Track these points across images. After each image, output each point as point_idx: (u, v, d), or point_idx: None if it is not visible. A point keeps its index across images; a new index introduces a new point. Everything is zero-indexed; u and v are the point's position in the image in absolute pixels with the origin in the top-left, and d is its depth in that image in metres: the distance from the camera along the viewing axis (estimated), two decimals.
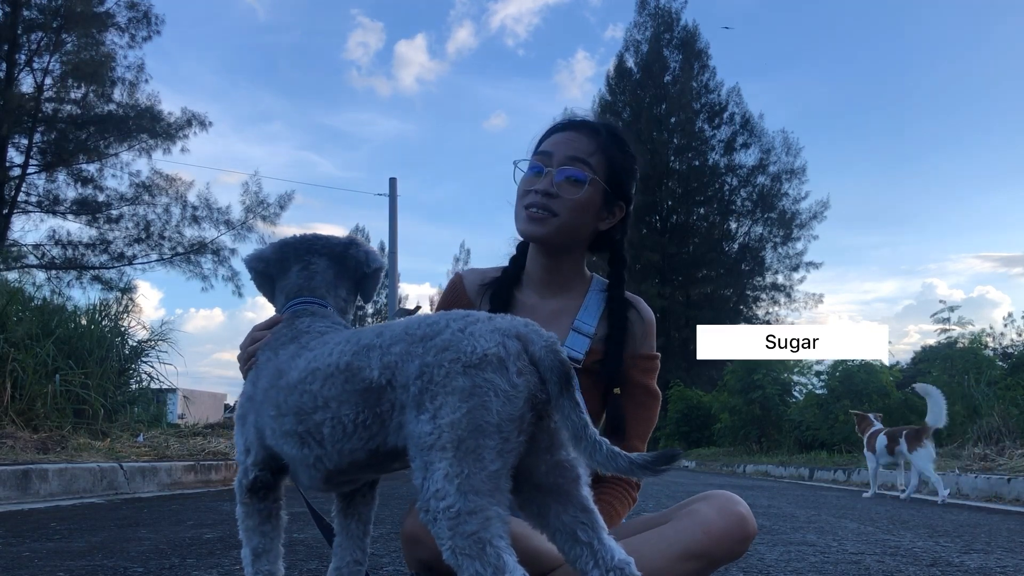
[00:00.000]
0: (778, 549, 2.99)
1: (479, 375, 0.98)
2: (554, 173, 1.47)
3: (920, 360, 15.09)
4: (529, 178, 1.49)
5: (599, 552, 1.06)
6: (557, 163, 1.47)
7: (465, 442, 0.96)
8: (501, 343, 1.00)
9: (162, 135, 17.32)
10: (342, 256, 1.40)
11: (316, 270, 1.37)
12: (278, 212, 18.39)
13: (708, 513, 1.25)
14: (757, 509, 4.95)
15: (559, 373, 1.00)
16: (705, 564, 1.23)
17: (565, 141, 1.50)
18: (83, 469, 4.79)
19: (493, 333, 1.02)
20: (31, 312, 7.15)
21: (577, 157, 1.48)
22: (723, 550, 1.23)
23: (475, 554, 0.94)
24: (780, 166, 31.46)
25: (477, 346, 1.00)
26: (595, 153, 1.49)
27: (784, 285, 32.07)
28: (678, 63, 32.64)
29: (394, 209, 18.73)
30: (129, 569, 2.24)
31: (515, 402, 0.98)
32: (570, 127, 1.52)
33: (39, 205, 17.48)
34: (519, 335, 1.02)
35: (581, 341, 1.50)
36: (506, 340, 1.01)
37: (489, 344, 1.00)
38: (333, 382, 1.09)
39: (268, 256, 1.42)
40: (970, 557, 2.81)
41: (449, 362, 0.99)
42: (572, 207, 1.47)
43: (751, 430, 16.14)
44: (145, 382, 8.24)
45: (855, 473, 9.05)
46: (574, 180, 1.47)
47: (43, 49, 16.81)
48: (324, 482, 1.18)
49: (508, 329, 1.03)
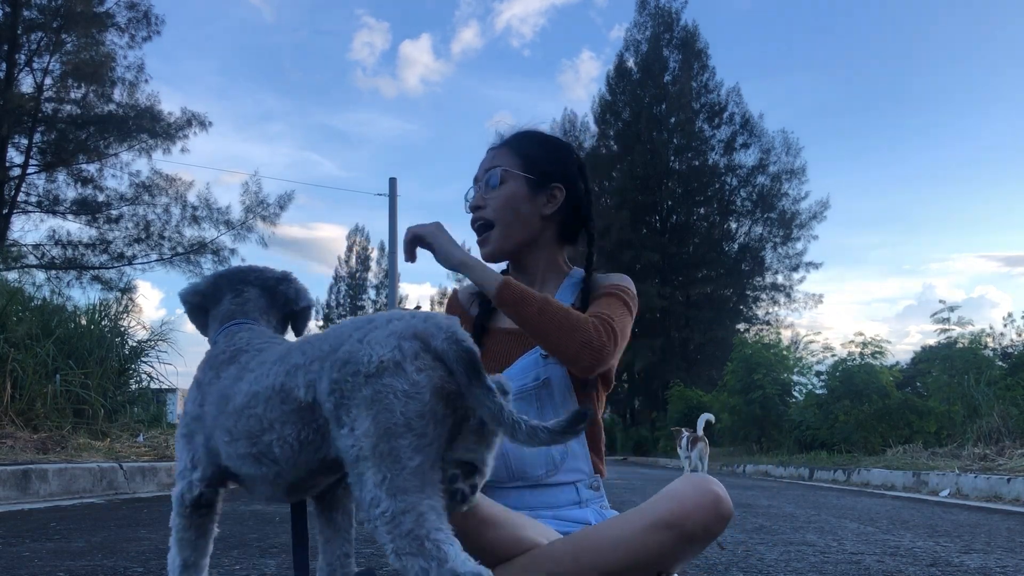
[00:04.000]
0: (778, 549, 2.99)
1: (378, 382, 1.01)
2: (479, 187, 1.58)
3: (920, 360, 15.08)
4: (469, 205, 1.60)
5: None
6: (479, 180, 1.59)
7: (379, 447, 1.00)
8: (397, 346, 1.03)
9: (162, 135, 17.33)
10: (273, 289, 1.43)
11: (248, 297, 1.41)
12: (278, 212, 18.41)
13: (682, 487, 1.26)
14: (757, 509, 4.95)
15: (464, 362, 1.02)
16: (677, 535, 1.21)
17: (488, 159, 1.60)
18: (83, 469, 4.79)
19: (389, 338, 1.05)
20: (31, 312, 7.15)
21: (491, 166, 1.58)
22: (696, 523, 1.21)
23: (416, 551, 0.96)
24: (780, 166, 31.46)
25: (373, 354, 1.03)
26: (506, 156, 1.58)
27: (784, 285, 32.08)
28: (678, 63, 32.62)
29: (394, 209, 18.73)
30: (129, 569, 2.24)
31: (418, 399, 1.01)
32: (490, 148, 1.63)
33: (39, 205, 17.49)
34: (416, 333, 1.05)
35: None
36: (402, 342, 1.04)
37: (384, 350, 1.03)
38: (272, 404, 1.12)
39: (202, 289, 1.44)
40: (970, 557, 2.81)
41: (352, 375, 1.03)
42: (497, 206, 1.54)
43: (751, 430, 16.15)
44: (145, 382, 8.24)
45: (855, 473, 9.05)
46: (490, 183, 1.56)
47: (43, 49, 16.81)
48: (288, 494, 1.21)
49: (404, 331, 1.05)
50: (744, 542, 3.20)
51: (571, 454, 1.44)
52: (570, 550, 1.23)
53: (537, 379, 1.44)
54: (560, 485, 1.43)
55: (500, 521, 1.23)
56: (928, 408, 11.72)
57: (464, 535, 1.17)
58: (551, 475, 1.43)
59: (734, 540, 3.25)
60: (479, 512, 1.21)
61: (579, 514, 1.43)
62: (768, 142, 31.55)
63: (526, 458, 1.41)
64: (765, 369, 15.57)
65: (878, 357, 13.27)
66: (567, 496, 1.43)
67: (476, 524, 1.20)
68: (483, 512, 1.21)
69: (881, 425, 11.97)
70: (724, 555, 2.80)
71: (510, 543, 1.24)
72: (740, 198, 32.45)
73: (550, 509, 1.42)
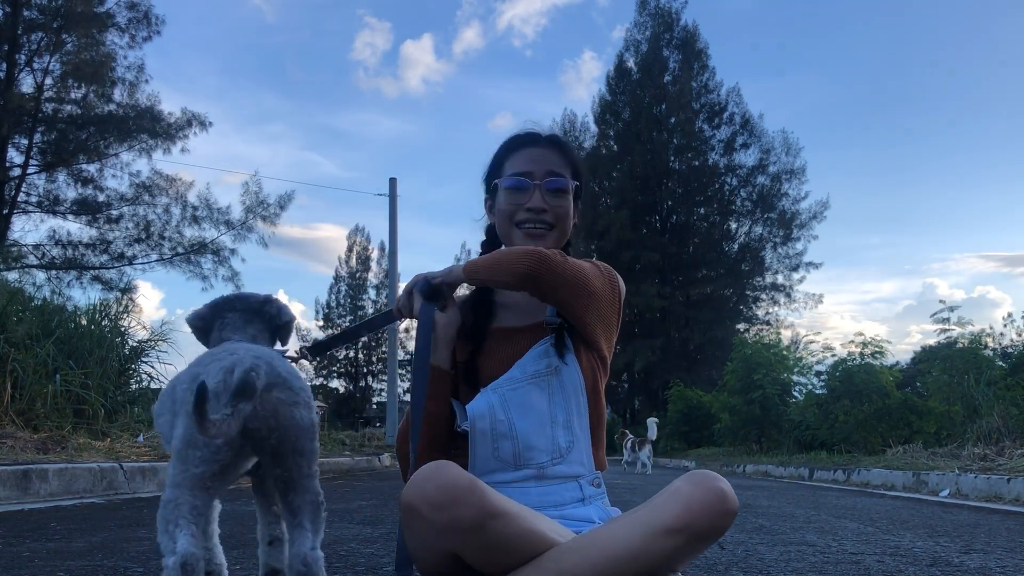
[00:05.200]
0: (778, 549, 2.99)
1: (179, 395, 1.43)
2: (542, 187, 1.55)
3: (920, 360, 15.08)
4: (513, 197, 1.56)
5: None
6: (537, 179, 1.55)
7: (180, 450, 1.36)
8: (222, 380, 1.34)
9: (162, 135, 17.33)
10: (259, 311, 1.72)
11: (234, 320, 1.69)
12: (278, 212, 18.40)
13: (687, 488, 1.26)
14: (757, 509, 4.95)
15: (235, 389, 1.28)
16: (686, 538, 1.23)
17: (539, 157, 1.58)
18: (83, 469, 4.79)
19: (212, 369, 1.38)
20: (31, 312, 7.15)
21: (554, 171, 1.56)
22: (704, 524, 1.23)
23: (161, 530, 1.31)
24: (780, 166, 31.51)
25: (189, 379, 1.40)
26: (560, 161, 1.58)
27: (784, 285, 32.11)
28: (678, 63, 32.64)
29: (394, 209, 18.74)
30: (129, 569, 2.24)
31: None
32: (535, 142, 1.60)
33: (39, 205, 17.49)
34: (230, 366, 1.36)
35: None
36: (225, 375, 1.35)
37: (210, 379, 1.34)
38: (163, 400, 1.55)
39: (204, 314, 1.73)
40: (970, 557, 2.81)
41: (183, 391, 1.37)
42: (563, 216, 1.56)
43: (751, 430, 16.14)
44: (145, 382, 8.25)
45: (855, 473, 9.06)
46: (560, 191, 1.56)
47: (43, 49, 16.81)
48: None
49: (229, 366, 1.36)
50: (744, 542, 3.20)
51: (576, 443, 1.47)
52: (584, 560, 1.23)
53: (549, 366, 1.49)
54: (564, 481, 1.46)
55: (509, 513, 1.24)
56: (928, 408, 11.71)
57: (472, 528, 1.20)
58: (556, 463, 1.45)
59: (734, 540, 3.25)
60: (487, 505, 1.21)
61: (583, 512, 1.45)
62: (768, 142, 31.61)
63: (533, 444, 1.44)
64: (765, 369, 15.57)
65: (878, 357, 13.27)
66: (571, 493, 1.45)
67: (484, 517, 1.21)
68: (491, 505, 1.22)
69: (881, 425, 11.97)
70: (724, 555, 2.80)
71: (518, 535, 1.24)
72: (740, 198, 32.47)
73: (556, 508, 1.43)
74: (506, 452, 1.43)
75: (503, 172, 1.58)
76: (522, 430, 1.44)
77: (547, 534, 1.27)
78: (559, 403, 1.47)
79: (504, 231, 1.59)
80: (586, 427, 1.50)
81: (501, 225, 1.59)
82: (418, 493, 1.23)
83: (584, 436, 1.49)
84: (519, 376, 1.48)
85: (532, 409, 1.46)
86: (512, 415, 1.45)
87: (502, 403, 1.46)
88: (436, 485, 1.22)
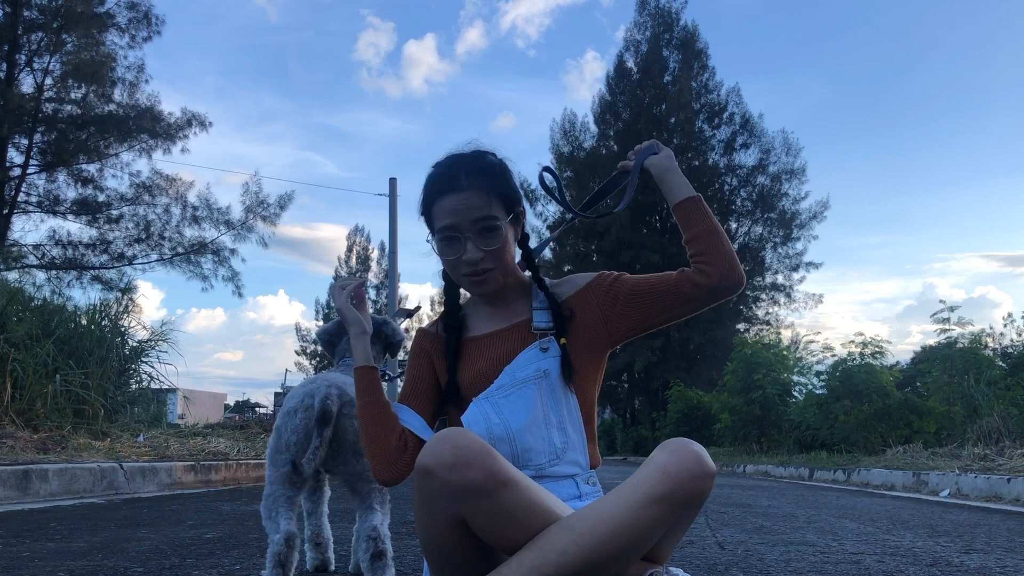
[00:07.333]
0: (778, 549, 2.99)
1: (279, 419, 1.88)
2: (470, 241, 1.52)
3: (920, 360, 15.07)
4: (447, 253, 1.55)
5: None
6: (466, 231, 1.52)
7: (271, 455, 1.87)
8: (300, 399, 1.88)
9: (162, 135, 17.30)
10: (378, 331, 2.17)
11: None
12: (278, 212, 18.37)
13: (663, 456, 1.30)
14: (757, 509, 4.95)
15: (316, 417, 1.81)
16: (669, 505, 1.27)
17: (461, 206, 1.52)
18: (83, 469, 4.79)
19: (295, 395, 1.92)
20: (31, 312, 7.15)
21: (479, 217, 1.51)
22: (684, 489, 1.27)
23: (266, 516, 1.75)
24: (780, 166, 31.43)
25: (286, 405, 1.86)
26: (488, 199, 1.53)
27: (784, 285, 32.06)
28: (678, 63, 32.60)
29: (394, 209, 18.75)
30: (129, 569, 2.24)
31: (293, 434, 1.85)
32: (453, 189, 1.54)
33: (39, 205, 17.47)
34: (311, 393, 1.87)
35: (543, 315, 1.59)
36: (304, 398, 1.86)
37: (291, 401, 1.89)
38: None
39: (331, 330, 2.22)
40: (970, 557, 2.81)
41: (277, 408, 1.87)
42: (499, 255, 1.53)
43: (751, 430, 16.14)
44: (145, 382, 8.25)
45: (855, 473, 9.06)
46: (490, 234, 1.52)
47: (43, 49, 16.79)
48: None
49: (310, 391, 1.88)
50: (744, 542, 3.20)
51: (570, 444, 1.50)
52: (572, 538, 1.27)
53: (539, 370, 1.51)
54: (560, 479, 1.48)
55: (519, 483, 1.28)
56: (928, 408, 11.71)
57: (483, 491, 1.24)
58: (553, 464, 1.48)
59: (734, 540, 3.25)
60: (499, 471, 1.25)
61: (579, 505, 1.46)
62: (768, 142, 31.55)
63: (531, 445, 1.47)
64: (765, 369, 15.55)
65: (878, 357, 13.26)
66: (568, 491, 1.48)
67: (495, 482, 1.24)
68: (503, 471, 1.26)
69: (881, 425, 11.97)
70: (724, 555, 2.80)
71: (526, 506, 1.27)
72: (740, 198, 32.44)
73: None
74: (505, 454, 1.44)
75: (432, 218, 1.56)
76: (519, 433, 1.46)
77: (553, 509, 1.31)
78: (551, 405, 1.50)
79: (451, 275, 1.60)
80: (579, 427, 1.52)
81: (450, 272, 1.60)
82: (432, 455, 1.26)
83: (578, 436, 1.51)
84: (509, 383, 1.50)
85: (526, 412, 1.48)
86: (507, 418, 1.47)
87: (495, 409, 1.48)
88: (451, 446, 1.25)
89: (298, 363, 43.84)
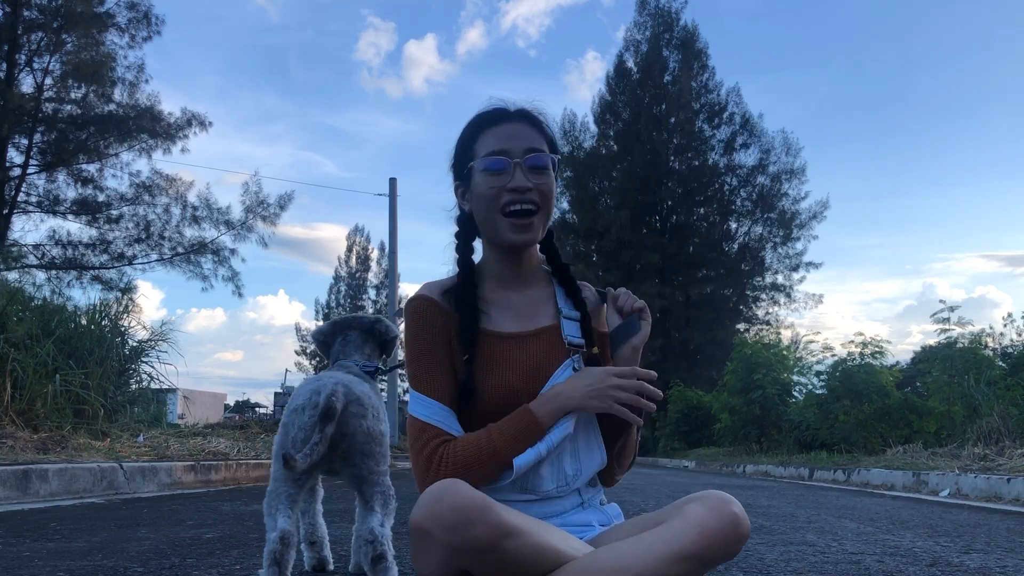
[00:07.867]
0: (778, 549, 2.99)
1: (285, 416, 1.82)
2: (523, 164, 1.40)
3: (920, 360, 15.07)
4: (493, 179, 1.41)
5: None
6: (516, 157, 1.41)
7: (277, 452, 1.77)
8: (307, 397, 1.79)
9: (162, 135, 17.31)
10: (371, 329, 2.17)
11: (350, 339, 2.15)
12: (278, 212, 18.38)
13: (702, 513, 1.22)
14: (757, 509, 4.95)
15: (320, 413, 1.72)
16: (698, 565, 1.21)
17: (514, 133, 1.43)
18: (83, 469, 4.79)
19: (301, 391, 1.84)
20: (31, 312, 7.15)
21: (533, 147, 1.42)
22: (717, 550, 1.20)
23: (267, 513, 1.75)
24: (780, 166, 31.47)
25: (292, 402, 1.82)
26: (539, 137, 1.45)
27: (784, 285, 32.08)
28: (678, 63, 32.62)
29: (394, 209, 18.74)
30: (129, 569, 2.24)
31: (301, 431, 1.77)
32: (506, 118, 1.45)
33: (39, 205, 17.47)
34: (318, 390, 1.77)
35: (574, 326, 1.49)
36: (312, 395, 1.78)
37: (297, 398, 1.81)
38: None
39: (326, 330, 2.20)
40: (970, 557, 2.81)
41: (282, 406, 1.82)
42: (548, 194, 1.42)
43: (751, 430, 16.14)
44: (145, 382, 8.25)
45: (855, 473, 9.06)
46: (541, 168, 1.42)
47: (43, 49, 16.79)
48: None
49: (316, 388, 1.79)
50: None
51: (581, 473, 1.41)
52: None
53: None
54: (565, 496, 1.42)
55: (524, 530, 1.20)
56: (928, 408, 11.71)
57: (488, 548, 1.15)
58: (562, 491, 1.40)
59: None
60: (502, 524, 1.17)
61: (583, 516, 1.42)
62: (768, 142, 31.58)
63: (542, 472, 1.38)
64: (765, 369, 15.56)
65: (878, 357, 13.27)
66: (571, 501, 1.42)
67: (499, 536, 1.16)
68: (506, 524, 1.17)
69: (881, 425, 11.96)
70: None
71: (533, 552, 1.20)
72: (740, 198, 32.45)
73: (558, 516, 1.40)
74: (508, 478, 1.37)
75: (475, 154, 1.43)
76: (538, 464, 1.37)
77: (562, 550, 1.24)
78: (579, 425, 1.40)
79: (485, 217, 1.43)
80: (595, 448, 1.43)
81: (481, 211, 1.43)
82: (430, 515, 1.17)
83: (588, 461, 1.43)
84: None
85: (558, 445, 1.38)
86: (539, 449, 1.36)
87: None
88: (449, 506, 1.16)
89: (298, 363, 43.93)
